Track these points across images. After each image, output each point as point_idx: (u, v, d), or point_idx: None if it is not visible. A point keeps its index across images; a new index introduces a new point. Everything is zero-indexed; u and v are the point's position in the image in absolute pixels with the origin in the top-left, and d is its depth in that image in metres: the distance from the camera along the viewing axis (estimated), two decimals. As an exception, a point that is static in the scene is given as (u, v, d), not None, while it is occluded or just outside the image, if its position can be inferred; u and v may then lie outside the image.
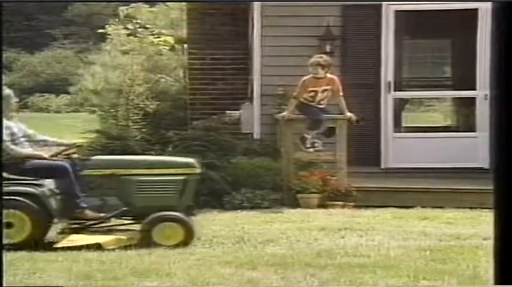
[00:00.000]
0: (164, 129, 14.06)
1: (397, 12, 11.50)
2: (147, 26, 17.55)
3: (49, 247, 7.32)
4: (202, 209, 10.23)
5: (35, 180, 7.61)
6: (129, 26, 17.51)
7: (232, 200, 10.35)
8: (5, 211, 7.36)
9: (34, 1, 42.60)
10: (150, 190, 7.65)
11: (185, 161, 8.01)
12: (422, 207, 9.95)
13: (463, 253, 6.75)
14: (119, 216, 7.75)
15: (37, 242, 7.35)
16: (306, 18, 11.51)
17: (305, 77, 10.49)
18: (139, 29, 17.33)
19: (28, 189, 7.53)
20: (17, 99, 8.25)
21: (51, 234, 7.73)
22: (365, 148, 11.25)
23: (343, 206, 10.09)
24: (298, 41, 11.46)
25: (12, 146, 7.68)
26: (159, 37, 17.24)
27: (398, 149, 11.46)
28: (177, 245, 7.30)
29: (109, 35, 18.10)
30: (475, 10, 11.30)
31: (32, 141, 8.01)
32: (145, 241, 7.37)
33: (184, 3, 15.50)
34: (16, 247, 7.11)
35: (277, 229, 8.20)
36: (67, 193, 7.58)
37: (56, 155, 7.85)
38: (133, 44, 17.01)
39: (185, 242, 7.40)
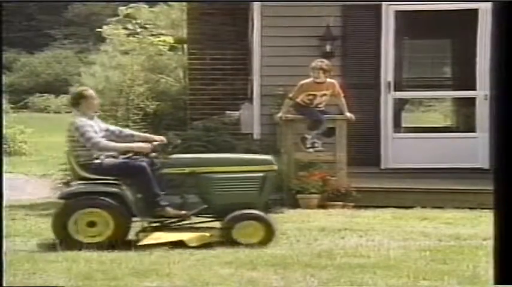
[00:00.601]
0: (164, 130, 14.07)
1: (397, 12, 11.50)
2: (147, 26, 17.56)
3: (130, 245, 7.27)
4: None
5: (115, 179, 7.61)
6: (129, 26, 17.52)
7: (232, 200, 10.32)
8: (88, 210, 7.47)
9: (34, 1, 42.59)
10: (229, 188, 7.63)
11: (263, 158, 8.00)
12: (422, 207, 9.95)
13: (462, 253, 6.75)
14: (198, 214, 7.73)
15: (119, 241, 7.34)
16: (306, 18, 11.51)
17: (304, 81, 10.47)
18: (140, 29, 17.33)
19: (110, 188, 7.54)
20: (98, 100, 8.20)
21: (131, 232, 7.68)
22: (365, 148, 11.24)
23: (343, 207, 10.09)
24: (298, 41, 11.46)
25: (104, 141, 7.68)
26: (159, 37, 17.24)
27: (398, 150, 11.46)
28: (257, 244, 7.29)
29: (108, 35, 18.09)
30: (475, 10, 11.30)
31: (119, 137, 7.96)
32: (226, 239, 7.38)
33: (184, 3, 15.51)
34: (99, 246, 7.15)
35: (277, 229, 8.18)
36: (147, 192, 7.56)
37: (142, 150, 7.78)
38: (133, 44, 17.01)
39: (265, 241, 7.39)
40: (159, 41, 17.14)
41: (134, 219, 7.61)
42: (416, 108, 24.47)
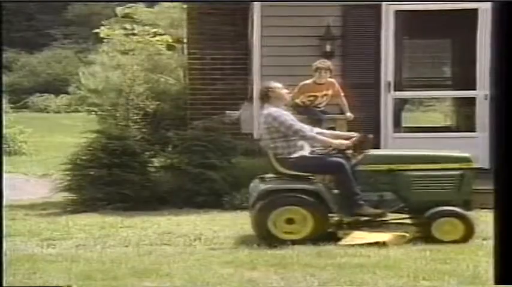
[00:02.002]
0: (164, 130, 14.07)
1: (397, 12, 11.50)
2: (147, 26, 17.55)
3: (328, 242, 7.22)
4: (202, 209, 10.26)
5: (313, 176, 7.59)
6: (127, 26, 17.51)
7: (232, 200, 10.35)
8: (286, 208, 7.43)
9: (34, 1, 42.60)
10: (427, 185, 7.58)
11: (461, 155, 7.89)
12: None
13: (463, 253, 6.75)
14: (394, 211, 7.67)
15: (316, 238, 7.28)
16: (306, 18, 11.50)
17: (304, 82, 10.47)
18: (139, 29, 17.32)
19: (308, 186, 7.51)
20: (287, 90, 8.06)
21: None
22: (365, 148, 11.22)
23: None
24: (298, 41, 11.46)
25: (305, 128, 7.63)
26: (159, 36, 17.23)
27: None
28: (456, 241, 7.25)
29: (107, 35, 18.08)
30: (475, 10, 11.30)
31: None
32: (424, 236, 7.33)
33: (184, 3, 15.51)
34: (298, 243, 7.13)
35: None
36: (345, 189, 7.48)
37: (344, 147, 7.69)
38: (132, 44, 17.00)
39: (465, 238, 7.34)
40: (159, 40, 17.13)
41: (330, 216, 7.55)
42: (416, 108, 24.50)
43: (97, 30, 18.46)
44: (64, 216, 10.04)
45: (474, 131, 11.54)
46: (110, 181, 10.75)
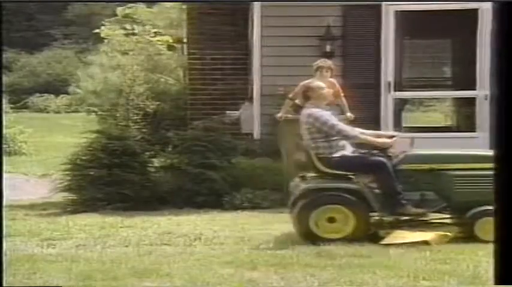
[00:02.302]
0: (164, 130, 14.06)
1: (397, 12, 11.50)
2: (147, 26, 17.55)
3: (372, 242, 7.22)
4: (202, 209, 10.26)
5: (354, 175, 7.57)
6: (127, 26, 17.51)
7: (232, 200, 10.35)
8: (328, 207, 7.40)
9: (34, 1, 42.60)
10: (469, 185, 7.51)
11: None
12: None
13: (463, 253, 6.75)
14: (436, 211, 7.64)
15: (358, 238, 7.27)
16: (306, 18, 11.51)
17: (305, 82, 10.46)
18: (139, 29, 17.32)
19: (350, 185, 7.50)
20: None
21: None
22: (365, 148, 11.23)
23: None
24: (298, 41, 11.47)
25: (348, 129, 7.64)
26: (159, 36, 17.23)
27: (398, 149, 11.44)
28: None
29: (108, 35, 18.08)
30: (475, 10, 11.30)
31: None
32: (467, 236, 7.30)
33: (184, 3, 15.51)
34: (339, 242, 7.11)
35: (277, 229, 8.19)
36: (387, 189, 7.44)
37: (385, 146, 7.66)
38: (132, 45, 17.00)
39: None
40: (158, 40, 17.13)
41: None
42: (416, 108, 24.47)
43: (97, 31, 18.46)
44: (64, 216, 10.04)
45: (474, 131, 11.54)
46: (110, 181, 10.75)
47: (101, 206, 10.48)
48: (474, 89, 11.56)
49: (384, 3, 11.43)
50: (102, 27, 18.33)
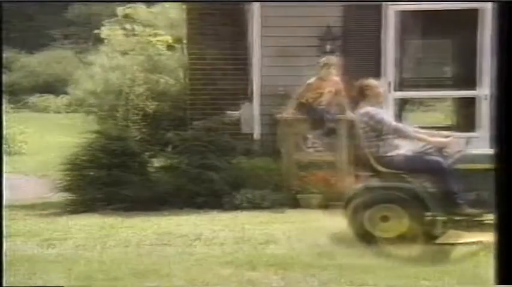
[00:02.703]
0: (164, 130, 14.06)
1: (397, 12, 11.50)
2: (147, 26, 17.55)
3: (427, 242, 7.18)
4: (202, 209, 10.26)
5: (407, 175, 7.53)
6: (127, 27, 17.51)
7: (232, 200, 10.34)
8: (382, 205, 7.35)
9: (34, 1, 42.59)
10: None
11: None
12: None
13: (463, 253, 6.74)
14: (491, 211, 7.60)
15: (412, 237, 7.22)
16: (306, 18, 11.50)
17: (311, 80, 10.50)
18: (139, 30, 17.33)
19: (405, 184, 7.47)
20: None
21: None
22: (365, 148, 11.21)
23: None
24: (298, 41, 11.46)
25: (403, 126, 7.62)
26: (159, 37, 17.24)
27: (398, 149, 11.43)
28: None
29: (108, 35, 18.09)
30: (475, 10, 11.30)
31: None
32: None
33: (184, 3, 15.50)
34: (392, 242, 7.09)
35: (278, 229, 8.19)
36: (443, 188, 7.41)
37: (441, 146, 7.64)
38: (132, 45, 17.00)
39: None
40: (158, 40, 17.13)
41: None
42: (416, 108, 24.43)
43: (97, 31, 18.47)
44: (64, 216, 10.03)
45: (474, 131, 11.54)
46: (110, 181, 10.74)
47: (101, 206, 10.47)
48: (474, 89, 11.56)
49: (384, 3, 11.42)
50: (102, 28, 18.33)
